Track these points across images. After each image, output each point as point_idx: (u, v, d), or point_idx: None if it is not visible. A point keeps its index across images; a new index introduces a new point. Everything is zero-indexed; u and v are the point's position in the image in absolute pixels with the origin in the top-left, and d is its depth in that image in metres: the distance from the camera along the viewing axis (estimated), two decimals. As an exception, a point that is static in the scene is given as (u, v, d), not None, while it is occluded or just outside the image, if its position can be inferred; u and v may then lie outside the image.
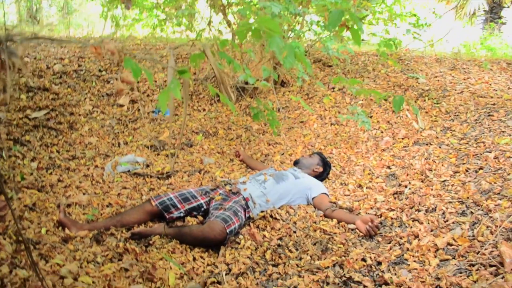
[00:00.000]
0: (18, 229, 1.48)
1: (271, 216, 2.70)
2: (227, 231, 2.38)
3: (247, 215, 2.67)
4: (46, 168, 3.18)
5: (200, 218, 2.71)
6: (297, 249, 2.34)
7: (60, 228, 2.38)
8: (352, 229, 2.52)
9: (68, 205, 2.70)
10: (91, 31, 9.16)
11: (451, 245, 2.12)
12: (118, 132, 4.21)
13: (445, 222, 2.33)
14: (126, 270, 2.05)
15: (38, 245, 2.13)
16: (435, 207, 2.51)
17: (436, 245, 2.13)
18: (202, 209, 2.74)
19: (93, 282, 1.90)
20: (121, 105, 4.74)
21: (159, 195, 2.70)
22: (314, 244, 2.37)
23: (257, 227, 2.62)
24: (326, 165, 3.40)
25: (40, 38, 0.95)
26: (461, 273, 1.89)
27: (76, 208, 2.69)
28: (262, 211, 2.74)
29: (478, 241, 2.07)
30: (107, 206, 2.78)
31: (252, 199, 2.75)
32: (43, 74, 4.81)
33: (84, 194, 2.90)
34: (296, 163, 3.40)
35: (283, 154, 3.95)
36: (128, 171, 3.37)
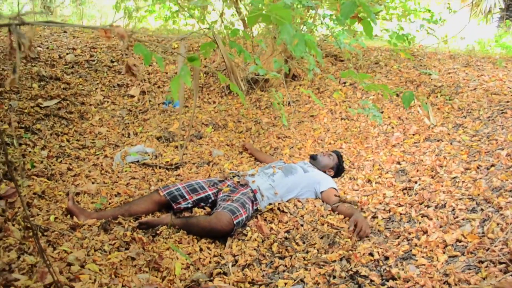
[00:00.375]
0: (26, 215, 1.49)
1: (278, 209, 2.70)
2: (234, 222, 2.38)
3: (254, 207, 2.67)
4: (56, 157, 3.20)
5: (208, 209, 2.71)
6: (304, 242, 2.34)
7: (68, 216, 2.40)
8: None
9: (77, 194, 2.71)
10: (104, 22, 9.19)
11: (460, 241, 2.09)
12: (128, 123, 4.22)
13: (454, 218, 2.30)
14: (133, 259, 2.06)
15: (46, 232, 2.15)
16: (445, 204, 2.48)
17: (445, 241, 2.10)
18: (210, 200, 2.74)
19: (100, 270, 1.91)
20: (132, 96, 4.76)
21: (167, 186, 2.71)
22: (321, 238, 2.36)
23: (265, 219, 2.61)
24: (338, 170, 3.34)
25: (49, 22, 0.94)
26: (469, 269, 1.86)
27: (85, 196, 2.70)
28: (270, 204, 2.73)
29: (488, 238, 2.04)
30: (116, 195, 2.79)
31: (260, 192, 2.74)
32: (55, 64, 4.83)
33: (93, 183, 2.92)
34: (313, 158, 3.30)
35: (292, 147, 3.94)
36: (137, 161, 3.38)
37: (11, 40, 0.81)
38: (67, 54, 5.17)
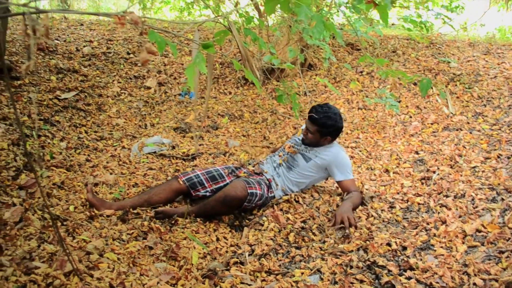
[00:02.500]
0: (46, 205, 1.51)
1: (295, 200, 2.69)
2: (248, 191, 2.43)
3: (271, 194, 2.66)
4: (75, 148, 3.24)
5: None
6: (320, 233, 2.33)
7: (87, 206, 2.43)
8: (374, 216, 2.47)
9: (96, 184, 2.74)
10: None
11: (480, 231, 2.06)
12: (145, 114, 4.25)
13: (474, 208, 2.27)
14: (151, 248, 2.08)
15: (65, 222, 2.18)
16: (464, 193, 2.44)
17: (464, 231, 2.07)
18: None
19: (118, 258, 1.93)
20: (148, 88, 4.78)
21: (187, 172, 2.72)
22: (339, 229, 2.34)
23: (281, 209, 2.61)
24: (330, 132, 2.69)
25: (64, 11, 0.95)
26: (489, 260, 1.84)
27: (103, 187, 2.73)
28: (286, 194, 2.71)
29: (509, 228, 2.01)
30: (133, 186, 2.82)
31: (274, 181, 2.73)
32: (72, 56, 4.88)
33: (111, 173, 2.95)
34: (303, 143, 2.82)
35: (308, 138, 3.92)
36: (154, 152, 3.40)
37: (25, 26, 0.82)
38: (84, 46, 5.21)
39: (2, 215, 2.02)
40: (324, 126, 2.63)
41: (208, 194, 2.68)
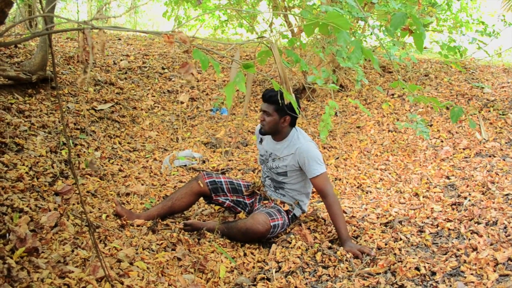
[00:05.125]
0: (84, 212, 1.56)
1: (323, 218, 2.69)
2: (271, 224, 2.39)
3: (290, 215, 2.62)
4: (109, 158, 3.33)
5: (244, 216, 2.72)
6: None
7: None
8: (403, 239, 2.45)
9: (127, 194, 2.81)
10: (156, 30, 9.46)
11: (512, 260, 2.02)
12: (176, 128, 4.34)
13: (506, 236, 2.23)
14: (179, 259, 2.11)
15: (98, 229, 2.24)
16: (496, 221, 2.40)
17: (496, 259, 2.03)
18: (247, 209, 2.74)
19: (147, 268, 1.97)
20: (181, 102, 4.89)
21: (211, 174, 2.70)
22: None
23: (308, 228, 2.61)
24: (285, 111, 2.46)
25: (116, 28, 1.01)
26: (522, 290, 1.80)
27: (134, 197, 2.80)
28: (303, 212, 2.68)
29: (543, 258, 1.96)
30: (163, 197, 2.87)
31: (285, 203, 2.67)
32: (110, 69, 5.04)
33: (142, 184, 3.02)
34: (262, 134, 2.64)
35: (337, 158, 3.92)
36: (185, 165, 3.46)
37: (84, 42, 0.88)
38: (121, 60, 5.38)
39: (39, 219, 2.10)
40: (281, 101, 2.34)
41: (227, 202, 2.70)
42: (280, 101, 2.34)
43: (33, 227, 2.01)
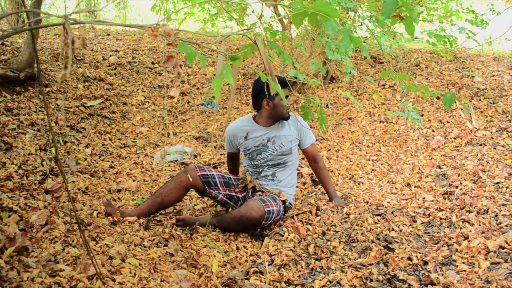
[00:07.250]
0: (74, 210, 1.55)
1: (317, 208, 2.69)
2: (265, 210, 2.40)
3: (286, 204, 2.64)
4: (99, 155, 3.31)
5: None
6: (340, 244, 2.32)
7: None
8: (395, 229, 2.46)
9: (118, 191, 2.80)
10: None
11: (503, 248, 2.03)
12: (167, 123, 4.31)
13: (497, 224, 2.24)
14: (171, 255, 2.11)
15: (88, 227, 2.23)
16: (488, 209, 2.41)
17: (487, 247, 2.04)
18: (239, 203, 2.73)
19: (139, 264, 1.96)
20: (172, 97, 4.86)
21: (203, 167, 2.67)
22: (358, 242, 2.34)
23: (301, 220, 2.61)
24: (261, 93, 2.70)
25: (99, 22, 0.99)
26: (513, 277, 1.81)
27: (126, 193, 2.78)
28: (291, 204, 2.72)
29: (533, 245, 1.97)
30: (155, 193, 2.86)
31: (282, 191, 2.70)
32: (99, 65, 5.00)
33: (133, 180, 3.00)
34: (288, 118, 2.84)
35: (329, 150, 3.92)
36: (176, 160, 3.45)
37: (64, 37, 0.86)
38: (110, 56, 5.33)
39: (29, 218, 2.08)
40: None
41: (220, 196, 2.69)
42: (266, 92, 2.56)
43: (22, 226, 2.00)
